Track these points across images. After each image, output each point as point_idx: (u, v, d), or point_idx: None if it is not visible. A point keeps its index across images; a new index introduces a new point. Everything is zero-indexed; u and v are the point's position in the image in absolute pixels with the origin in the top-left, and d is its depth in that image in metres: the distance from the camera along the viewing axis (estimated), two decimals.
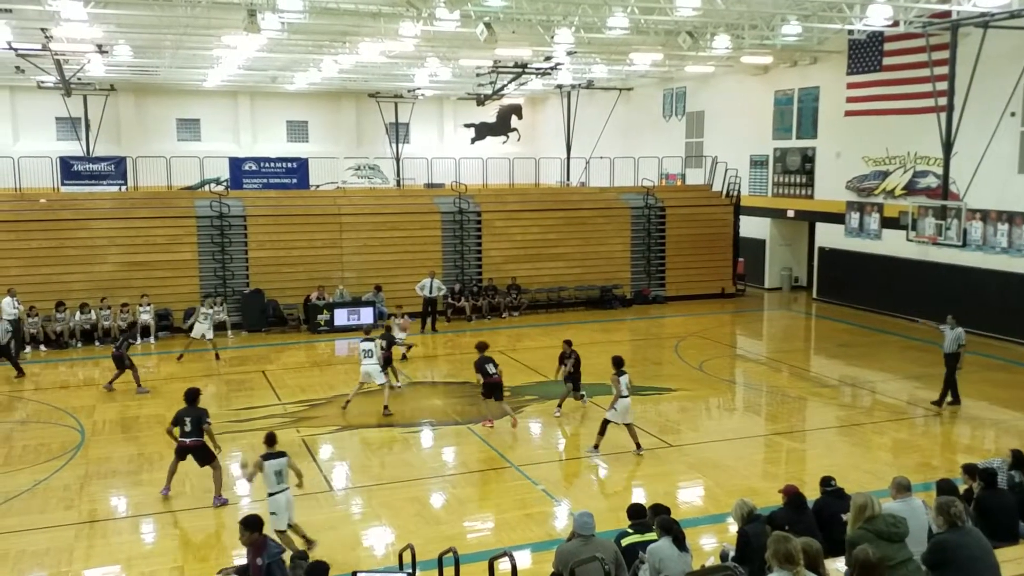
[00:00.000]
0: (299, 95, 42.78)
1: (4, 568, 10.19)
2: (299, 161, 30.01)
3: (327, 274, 25.17)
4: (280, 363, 20.88)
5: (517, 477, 13.08)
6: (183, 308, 23.69)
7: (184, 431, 12.24)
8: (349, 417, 16.27)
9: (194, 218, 24.50)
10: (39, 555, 10.54)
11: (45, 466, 13.60)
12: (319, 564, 7.60)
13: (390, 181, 40.22)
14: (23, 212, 23.82)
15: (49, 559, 10.43)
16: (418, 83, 37.24)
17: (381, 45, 25.33)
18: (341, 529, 11.34)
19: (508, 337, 23.68)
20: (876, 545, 6.42)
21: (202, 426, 12.20)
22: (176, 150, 37.65)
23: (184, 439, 12.24)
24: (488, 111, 44.69)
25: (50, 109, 38.59)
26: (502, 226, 27.50)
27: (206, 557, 10.39)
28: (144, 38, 26.03)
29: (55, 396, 17.73)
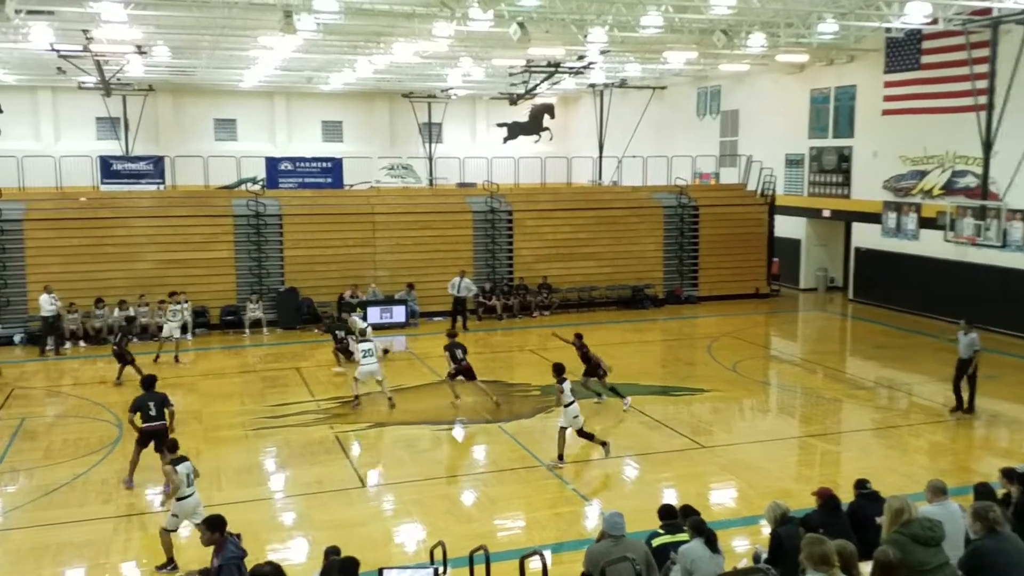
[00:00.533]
0: (334, 95, 43.11)
1: (45, 559, 10.41)
2: (334, 161, 30.26)
3: (360, 272, 25.36)
4: (314, 360, 21.07)
5: (548, 476, 13.09)
6: (220, 305, 24.03)
7: (149, 415, 12.66)
8: (380, 415, 16.38)
9: (231, 217, 24.80)
10: (79, 547, 10.75)
11: (84, 460, 13.87)
12: (350, 560, 7.66)
13: (423, 181, 40.40)
14: (64, 210, 24.28)
15: (88, 551, 10.63)
16: (451, 83, 37.33)
17: (415, 45, 25.45)
18: (373, 525, 11.43)
19: (539, 336, 23.68)
20: (911, 549, 6.35)
21: (166, 409, 12.65)
22: (213, 150, 38.14)
23: (149, 424, 12.60)
24: (520, 110, 44.73)
25: (90, 109, 39.27)
26: (533, 225, 27.51)
27: None
28: (182, 39, 26.38)
29: (93, 391, 18.05)
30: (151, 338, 22.67)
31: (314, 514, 11.77)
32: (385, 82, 37.75)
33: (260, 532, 11.17)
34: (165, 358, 20.47)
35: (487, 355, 21.94)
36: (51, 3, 20.36)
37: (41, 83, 38.39)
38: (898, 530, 6.71)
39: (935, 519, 6.86)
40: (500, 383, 18.72)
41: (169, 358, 20.62)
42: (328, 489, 12.67)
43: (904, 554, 6.39)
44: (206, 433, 15.26)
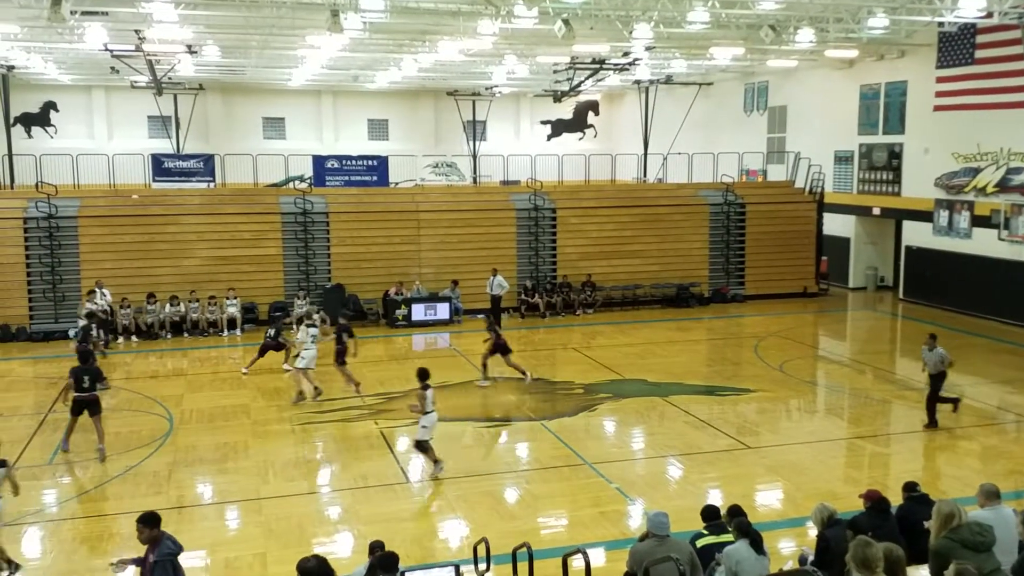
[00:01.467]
0: (379, 94, 43.46)
1: (97, 550, 10.66)
2: (379, 159, 30.50)
3: (405, 270, 25.55)
4: (359, 356, 21.21)
5: (591, 475, 13.07)
6: (268, 302, 24.38)
7: (83, 387, 13.87)
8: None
9: (279, 214, 25.14)
10: (131, 538, 10.92)
11: (136, 453, 14.18)
12: (390, 555, 7.73)
13: (467, 178, 40.53)
14: (117, 207, 24.83)
15: (138, 543, 10.83)
16: (495, 80, 37.39)
17: (460, 43, 25.55)
18: (417, 521, 11.53)
19: (582, 335, 23.66)
20: (960, 555, 6.23)
21: (98, 382, 14.25)
22: (262, 148, 38.70)
23: (82, 393, 13.85)
24: (565, 108, 44.64)
25: (142, 108, 40.10)
26: (577, 223, 27.45)
27: (288, 544, 10.67)
28: (231, 38, 26.79)
29: (145, 385, 18.44)
30: (200, 333, 23.09)
31: (359, 508, 11.89)
32: (430, 80, 37.94)
33: (306, 526, 11.33)
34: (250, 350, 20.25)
35: (530, 352, 21.94)
36: (105, 4, 20.81)
37: (95, 82, 39.32)
38: (947, 535, 6.59)
39: (985, 524, 6.73)
40: (543, 381, 18.74)
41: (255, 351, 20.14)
42: (373, 484, 12.80)
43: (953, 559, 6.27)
44: (254, 427, 15.51)
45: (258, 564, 10.25)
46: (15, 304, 22.92)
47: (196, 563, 10.38)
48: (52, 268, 23.19)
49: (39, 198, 23.67)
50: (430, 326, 24.29)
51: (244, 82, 39.66)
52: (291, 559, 8.09)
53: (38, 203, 23.50)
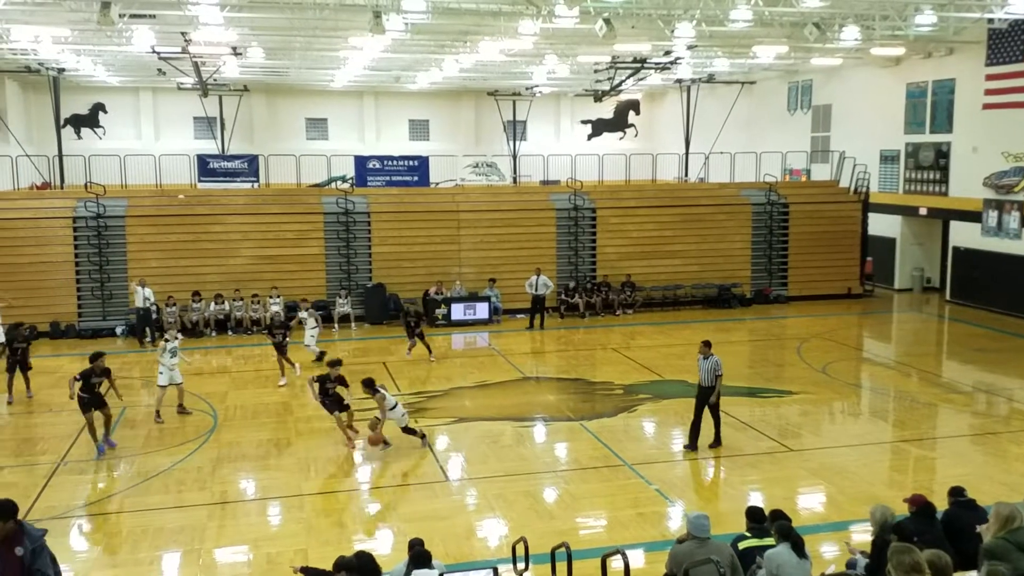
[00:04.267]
0: (421, 94, 43.68)
1: (143, 542, 10.86)
2: (420, 159, 30.66)
3: (445, 269, 25.66)
4: (400, 355, 21.41)
5: (630, 476, 13.01)
6: (311, 300, 24.59)
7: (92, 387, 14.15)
8: (464, 410, 16.56)
9: (321, 214, 25.40)
10: (174, 532, 11.18)
11: (181, 448, 14.42)
12: (423, 552, 7.76)
13: (507, 178, 40.55)
14: (163, 207, 25.27)
15: (183, 536, 11.05)
16: (536, 80, 37.38)
17: (500, 43, 25.58)
18: (456, 519, 11.56)
19: (622, 335, 23.56)
20: (1015, 557, 6.09)
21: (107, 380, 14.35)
22: (305, 148, 39.12)
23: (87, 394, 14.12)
24: (605, 107, 44.43)
25: (188, 109, 40.75)
26: (617, 222, 27.35)
27: (328, 541, 10.77)
28: (275, 40, 27.13)
29: (190, 382, 18.66)
30: (244, 332, 23.41)
31: (399, 506, 11.98)
32: (471, 80, 38.06)
33: (347, 523, 11.43)
34: (294, 347, 20.58)
35: (569, 353, 21.92)
36: (153, 7, 21.19)
37: (143, 84, 40.04)
38: (1003, 536, 6.45)
39: None
40: (583, 381, 18.70)
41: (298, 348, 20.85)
42: (412, 482, 12.88)
43: (1006, 561, 6.15)
44: (296, 425, 15.69)
45: (299, 560, 10.33)
46: (64, 302, 23.44)
47: (239, 558, 10.55)
48: (100, 267, 23.68)
49: (88, 198, 24.19)
50: (469, 325, 24.37)
51: (288, 83, 40.12)
52: (332, 555, 8.18)
53: (87, 203, 24.01)
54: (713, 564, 7.24)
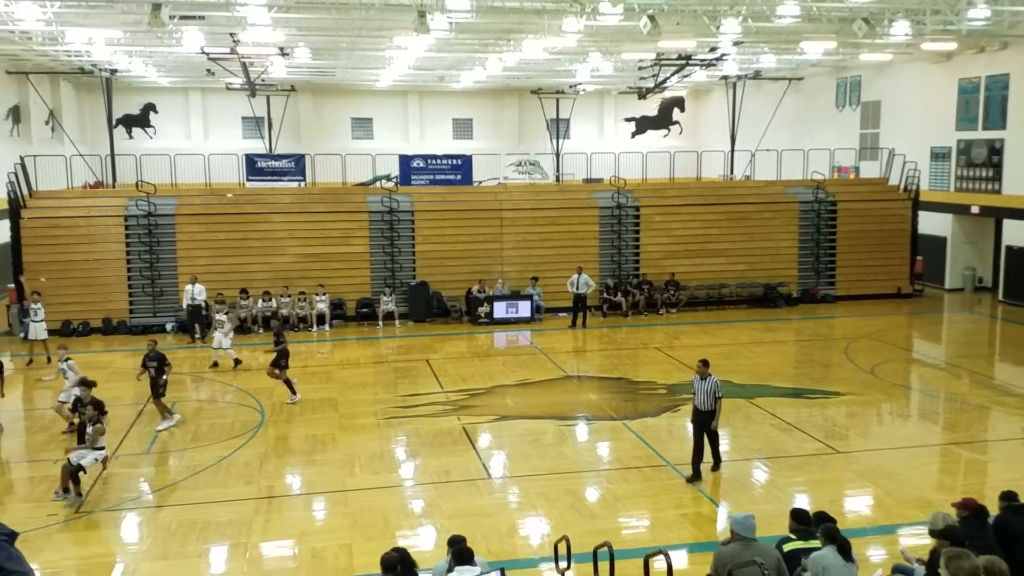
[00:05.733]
0: (464, 93, 43.84)
1: (191, 536, 11.07)
2: (463, 158, 30.77)
3: (488, 268, 25.73)
4: (443, 352, 21.55)
5: (673, 476, 12.93)
6: (356, 298, 24.90)
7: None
8: (507, 408, 16.61)
9: (366, 213, 25.62)
10: (222, 526, 11.38)
11: (228, 443, 14.66)
12: (466, 549, 7.80)
13: (550, 177, 40.52)
14: (212, 206, 25.69)
15: (231, 530, 11.24)
16: (579, 78, 37.28)
17: (544, 42, 25.56)
18: (498, 516, 11.59)
19: (665, 334, 23.41)
20: None
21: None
22: (350, 148, 39.52)
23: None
24: (649, 104, 44.17)
25: (237, 109, 41.38)
26: (661, 221, 27.18)
27: (372, 536, 10.88)
28: (322, 40, 27.42)
29: (238, 378, 19.05)
30: (291, 328, 23.72)
31: (442, 503, 12.04)
32: (514, 79, 38.09)
33: (390, 518, 11.53)
34: (338, 344, 21.17)
35: (612, 352, 21.85)
36: (202, 8, 21.56)
37: (192, 85, 40.76)
38: None
39: None
40: (625, 380, 18.63)
41: (343, 344, 21.71)
42: (455, 479, 12.94)
43: None
44: (341, 420, 15.86)
45: (344, 555, 10.48)
46: (116, 298, 23.95)
47: (285, 552, 10.70)
48: (151, 264, 24.16)
49: (139, 197, 24.69)
50: (511, 324, 24.42)
51: (334, 83, 40.54)
52: (375, 551, 8.26)
53: (138, 202, 24.50)
54: (758, 566, 7.17)
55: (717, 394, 12.61)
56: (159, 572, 10.24)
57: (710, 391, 12.61)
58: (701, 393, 12.67)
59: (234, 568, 10.31)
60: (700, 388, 12.70)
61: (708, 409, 12.61)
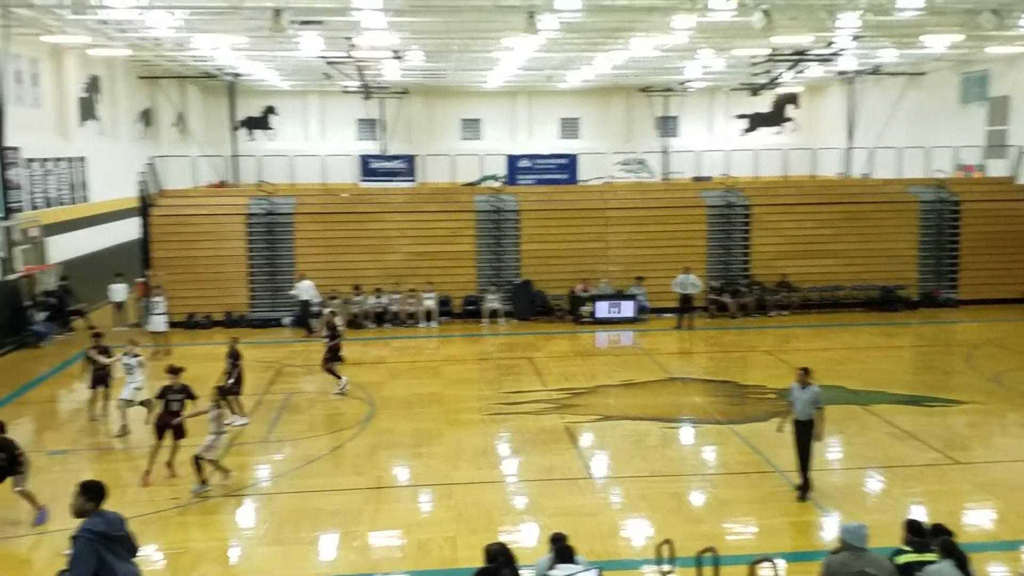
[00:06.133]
0: (572, 92, 43.88)
1: (304, 523, 11.48)
2: (569, 157, 30.82)
3: (592, 267, 25.68)
4: (546, 351, 21.64)
5: (782, 483, 12.62)
6: (462, 296, 25.27)
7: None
8: (610, 408, 16.56)
9: (473, 212, 25.97)
10: (333, 514, 11.77)
11: (340, 434, 15.14)
12: (567, 547, 7.83)
13: (657, 175, 40.15)
14: (328, 205, 26.56)
15: (341, 519, 11.61)
16: (689, 75, 36.81)
17: (654, 39, 25.34)
18: (599, 516, 11.58)
19: (775, 337, 22.84)
20: None
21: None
22: (459, 148, 40.15)
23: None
24: (762, 101, 43.23)
25: (352, 111, 42.69)
26: (773, 220, 26.51)
27: (476, 530, 11.04)
28: (434, 43, 27.97)
29: (350, 371, 19.57)
30: (400, 324, 24.28)
31: (544, 501, 12.11)
32: (622, 77, 37.88)
33: (493, 514, 11.68)
34: (445, 341, 21.63)
35: (718, 354, 21.49)
36: (320, 14, 22.30)
37: (310, 88, 42.24)
38: None
39: None
40: (732, 384, 18.29)
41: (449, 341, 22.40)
42: (557, 477, 13.00)
43: None
44: (447, 415, 16.14)
45: (448, 547, 10.69)
46: (237, 293, 25.04)
47: (392, 542, 10.99)
48: (270, 261, 25.15)
49: (259, 196, 25.76)
50: (615, 323, 24.29)
51: (444, 85, 41.27)
52: (479, 544, 8.39)
53: (258, 200, 25.55)
54: None
55: (818, 404, 11.92)
56: (273, 557, 10.67)
57: (811, 400, 11.93)
58: (800, 402, 11.98)
59: (344, 556, 10.65)
60: (799, 397, 12.02)
61: (807, 419, 11.97)
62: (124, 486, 12.71)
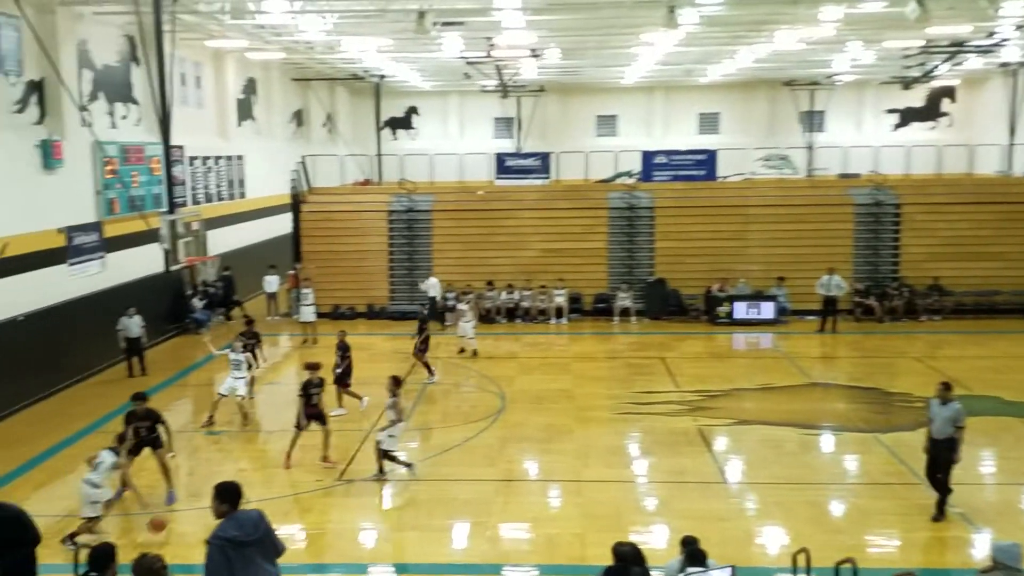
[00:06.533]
0: (711, 87, 43.02)
1: (437, 511, 11.82)
2: (708, 153, 30.23)
3: (730, 266, 25.11)
4: (679, 352, 21.35)
5: (929, 496, 11.99)
6: (593, 293, 25.27)
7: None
8: (745, 412, 16.20)
9: (606, 209, 25.91)
10: (465, 504, 12.05)
11: (472, 426, 15.46)
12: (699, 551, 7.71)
13: (800, 172, 38.84)
14: (464, 202, 27.12)
15: (473, 508, 11.87)
16: (836, 69, 35.41)
17: (799, 32, 24.54)
18: (732, 522, 11.37)
19: (926, 343, 21.70)
20: None
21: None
22: (594, 145, 40.07)
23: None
24: (915, 95, 41.08)
25: (489, 110, 43.37)
26: (925, 220, 25.17)
27: (605, 528, 11.04)
28: (571, 41, 28.04)
29: (482, 365, 19.99)
30: (531, 320, 24.52)
31: (675, 503, 12.00)
32: (765, 71, 36.84)
33: (623, 513, 11.66)
34: (575, 338, 21.98)
35: (864, 359, 20.63)
36: (462, 15, 22.77)
37: (450, 88, 43.19)
38: None
39: None
40: (878, 391, 17.52)
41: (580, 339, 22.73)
42: (689, 480, 12.83)
43: None
44: (577, 412, 16.20)
45: (577, 544, 10.75)
46: (378, 286, 25.93)
47: (521, 535, 11.16)
48: (409, 256, 25.92)
49: (401, 193, 26.58)
50: (753, 325, 23.68)
51: (580, 82, 41.28)
52: (607, 543, 8.39)
53: (400, 198, 26.38)
54: None
55: (959, 423, 11.12)
56: (407, 542, 11.04)
57: (950, 418, 11.14)
58: (939, 419, 11.19)
59: (475, 545, 10.89)
60: (938, 414, 11.22)
61: (945, 438, 11.19)
62: (274, 467, 13.44)
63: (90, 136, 18.96)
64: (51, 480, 13.22)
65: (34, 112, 18.20)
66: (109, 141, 20.31)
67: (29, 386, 17.00)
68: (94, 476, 10.80)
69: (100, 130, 19.84)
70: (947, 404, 11.21)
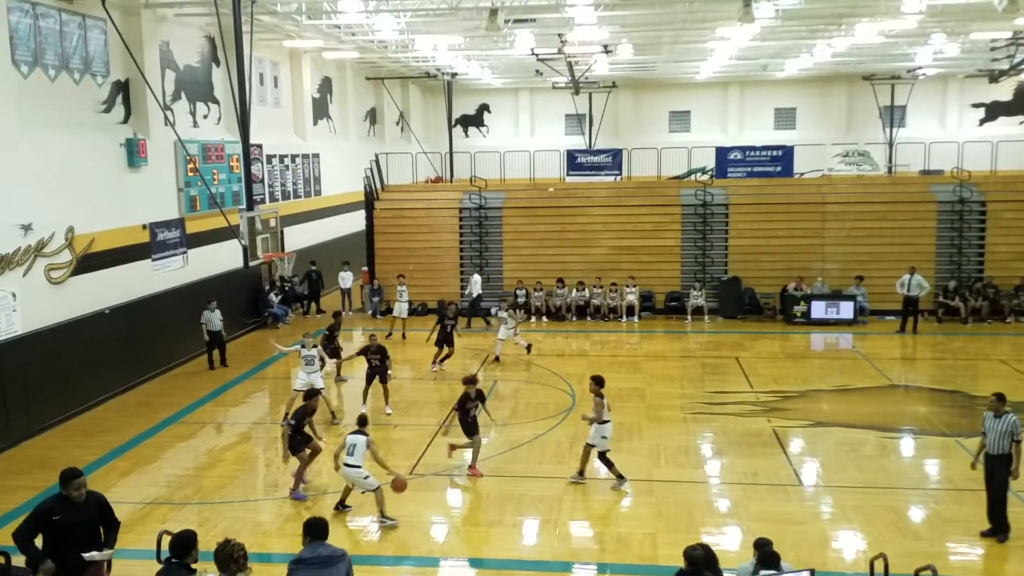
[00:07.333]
0: (787, 82, 42.19)
1: (507, 507, 11.86)
2: (784, 149, 29.63)
3: (806, 265, 24.59)
4: (754, 351, 20.99)
5: (1016, 504, 11.55)
6: (664, 291, 25.02)
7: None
8: (822, 414, 15.85)
9: (679, 206, 25.61)
10: (536, 500, 12.07)
11: (542, 423, 15.48)
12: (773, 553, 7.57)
13: (880, 168, 37.76)
14: (535, 199, 27.13)
15: (543, 505, 11.88)
16: (919, 62, 34.33)
17: (880, 24, 23.88)
18: (808, 525, 11.15)
19: (1012, 346, 20.90)
20: None
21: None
22: (667, 141, 39.67)
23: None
24: (1003, 88, 39.53)
25: (560, 107, 43.32)
26: (1012, 218, 24.24)
27: (676, 528, 10.96)
28: (644, 36, 27.79)
29: (552, 362, 19.99)
30: (602, 318, 24.40)
31: (748, 504, 11.80)
32: (844, 65, 35.94)
33: (695, 514, 11.53)
34: (646, 336, 21.94)
35: (946, 361, 19.98)
36: (533, 11, 22.79)
37: (521, 85, 43.28)
38: None
39: None
40: (961, 394, 16.95)
41: (652, 337, 22.65)
42: (763, 482, 12.62)
43: None
44: (648, 411, 16.08)
45: (648, 543, 10.67)
46: (449, 282, 26.13)
47: (590, 533, 11.13)
48: (480, 253, 26.05)
49: (472, 191, 26.73)
50: (831, 325, 23.13)
51: (653, 78, 40.91)
52: (679, 543, 8.33)
53: (471, 195, 26.53)
54: None
55: (1016, 436, 10.53)
56: (477, 536, 11.12)
57: (1006, 432, 10.58)
58: (993, 433, 10.64)
59: (544, 542, 10.90)
60: (993, 428, 10.66)
61: (1001, 453, 10.64)
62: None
63: (173, 135, 19.56)
64: (136, 468, 13.68)
65: (120, 112, 18.87)
66: (191, 140, 20.93)
67: (115, 377, 17.64)
68: (351, 459, 11.30)
69: (182, 129, 20.47)
70: (1001, 417, 10.67)
